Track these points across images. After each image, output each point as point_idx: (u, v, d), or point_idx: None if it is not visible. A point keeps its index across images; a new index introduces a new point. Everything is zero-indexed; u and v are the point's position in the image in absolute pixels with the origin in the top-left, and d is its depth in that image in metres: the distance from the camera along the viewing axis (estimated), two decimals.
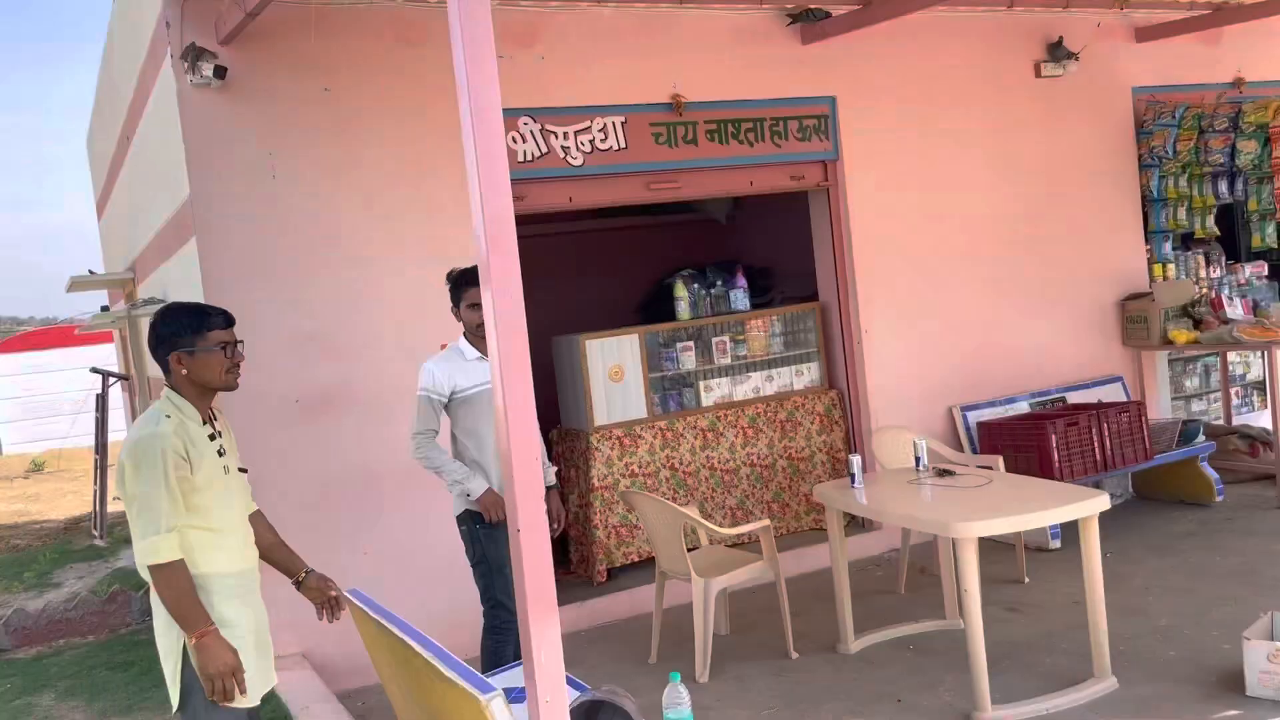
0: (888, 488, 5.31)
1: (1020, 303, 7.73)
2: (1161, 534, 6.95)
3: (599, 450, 6.57)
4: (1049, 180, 7.84)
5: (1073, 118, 7.93)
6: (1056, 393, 7.74)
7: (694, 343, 7.03)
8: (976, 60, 7.52)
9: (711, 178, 6.85)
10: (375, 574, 5.42)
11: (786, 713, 4.72)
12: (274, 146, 5.52)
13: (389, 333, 5.54)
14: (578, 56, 6.24)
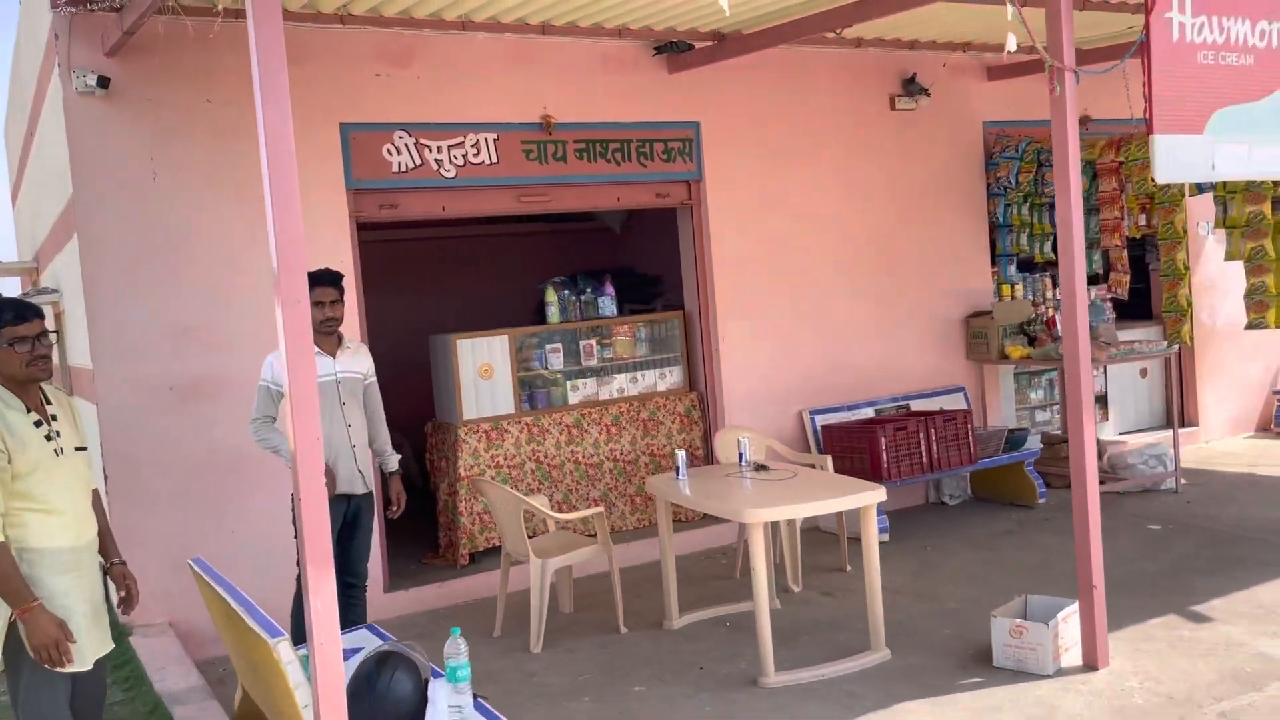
0: (708, 481, 5.68)
1: (871, 317, 8.16)
2: (983, 531, 7.46)
3: (466, 442, 6.95)
4: (902, 205, 8.27)
5: (925, 148, 8.37)
6: (902, 400, 8.20)
7: (562, 345, 7.42)
8: (834, 92, 7.94)
9: (580, 193, 7.24)
10: (240, 547, 5.71)
11: (601, 679, 5.12)
12: (156, 152, 5.78)
13: (256, 327, 5.64)
14: (452, 77, 6.57)
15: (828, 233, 8.00)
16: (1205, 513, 7.50)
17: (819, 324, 7.96)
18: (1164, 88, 4.71)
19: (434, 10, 5.89)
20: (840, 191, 8.05)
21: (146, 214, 5.81)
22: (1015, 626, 4.79)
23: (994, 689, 4.62)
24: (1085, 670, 4.75)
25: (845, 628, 5.52)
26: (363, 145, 6.38)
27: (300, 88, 6.03)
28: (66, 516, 3.38)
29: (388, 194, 6.53)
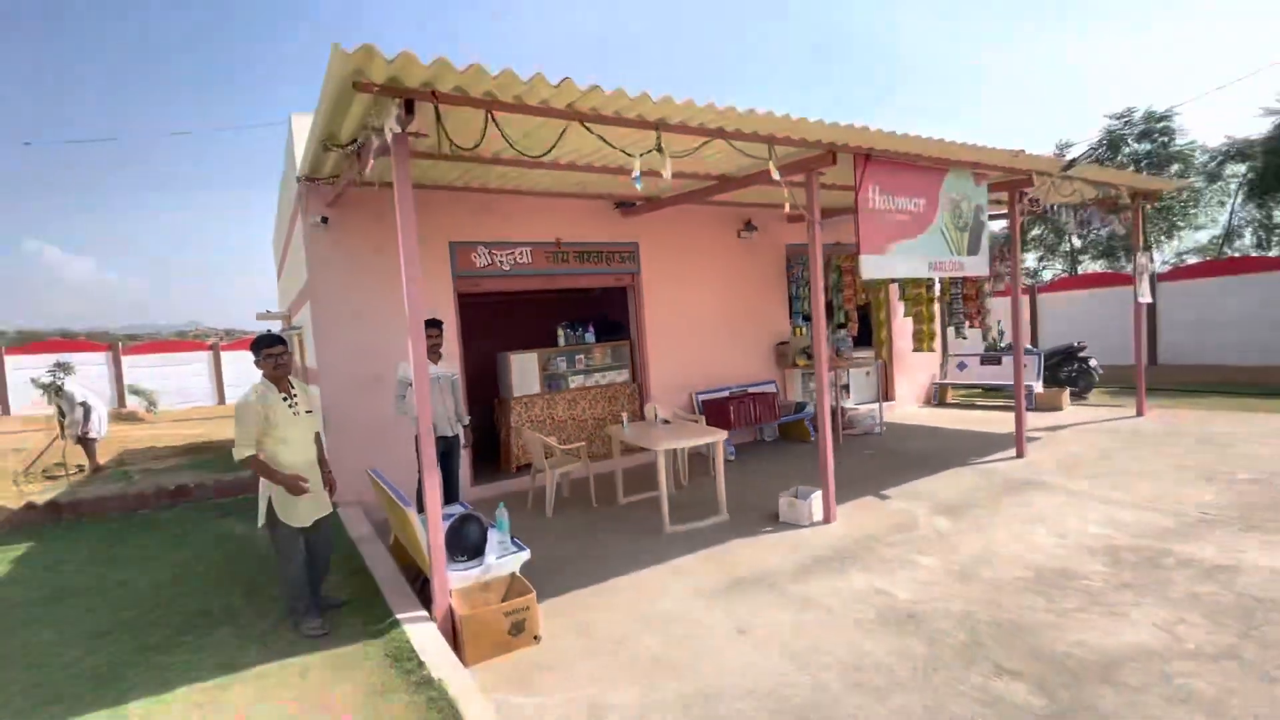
0: (639, 429, 5.84)
1: (729, 344, 8.40)
2: (783, 455, 7.69)
3: (514, 409, 7.10)
4: (745, 287, 8.52)
5: (756, 257, 8.64)
6: (744, 387, 8.43)
7: (566, 358, 7.62)
8: (710, 229, 8.20)
9: (575, 278, 7.38)
10: (395, 462, 5.70)
11: (582, 529, 5.28)
12: (351, 256, 5.88)
13: (400, 350, 5.67)
14: (510, 217, 6.73)
15: (708, 300, 8.22)
16: (894, 445, 7.77)
17: (703, 348, 8.17)
18: (866, 231, 5.07)
19: (500, 184, 6.08)
20: (712, 278, 8.27)
21: (345, 289, 5.90)
22: (789, 501, 5.05)
23: (778, 533, 4.87)
24: (824, 523, 5.00)
25: (708, 503, 5.70)
26: (461, 253, 6.51)
27: (428, 222, 6.33)
28: (297, 445, 3.46)
29: (473, 279, 6.66)
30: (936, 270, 5.67)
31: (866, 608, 3.57)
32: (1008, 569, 3.91)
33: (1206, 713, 2.48)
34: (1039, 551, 4.14)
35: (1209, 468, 5.79)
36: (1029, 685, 2.76)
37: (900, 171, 5.36)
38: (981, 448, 7.25)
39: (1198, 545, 4.05)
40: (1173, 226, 17.41)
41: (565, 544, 4.98)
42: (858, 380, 10.12)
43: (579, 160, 5.17)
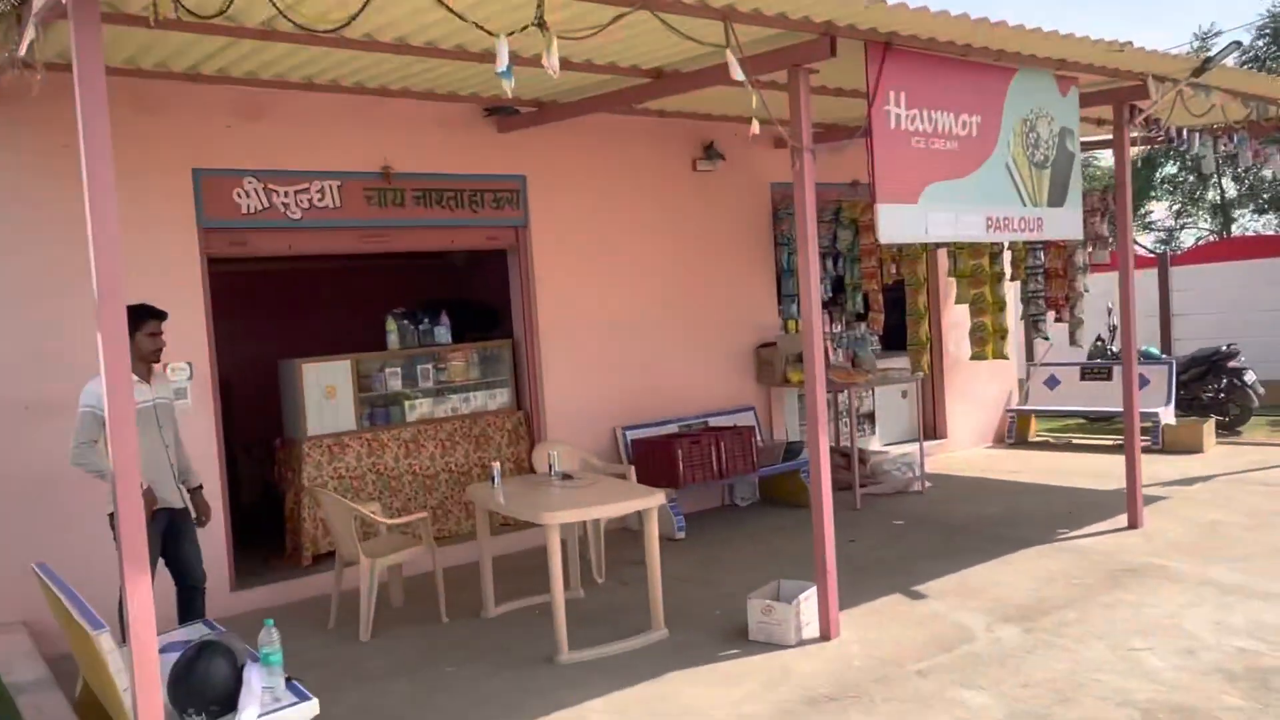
0: (521, 488, 5.81)
1: (678, 346, 8.49)
2: (763, 528, 7.83)
3: (310, 456, 6.92)
4: (704, 251, 8.65)
5: (723, 204, 8.79)
6: (702, 417, 8.50)
7: (401, 369, 7.47)
8: (644, 154, 8.27)
9: (418, 235, 7.32)
10: (84, 551, 5.44)
11: (418, 662, 5.19)
12: (17, 189, 5.65)
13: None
14: (298, 130, 6.57)
15: (641, 274, 8.29)
16: (941, 510, 8.02)
17: (634, 352, 8.22)
18: (884, 166, 5.21)
19: (278, 72, 5.86)
20: (651, 239, 8.36)
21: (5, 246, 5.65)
22: (765, 606, 5.12)
23: (747, 658, 4.92)
24: (820, 640, 5.10)
25: (634, 611, 5.66)
26: (214, 189, 6.31)
27: (152, 136, 6.09)
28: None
29: (237, 233, 6.46)
30: (998, 230, 5.91)
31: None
32: (1101, 709, 4.09)
33: None
34: (1149, 678, 4.35)
35: None
36: None
37: (941, 71, 5.55)
38: (1080, 514, 7.58)
39: None
40: None
41: (388, 687, 4.87)
42: (890, 406, 10.37)
43: (411, 38, 5.07)
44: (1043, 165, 6.21)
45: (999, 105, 5.92)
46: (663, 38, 5.00)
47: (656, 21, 4.55)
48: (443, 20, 4.58)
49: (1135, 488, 7.10)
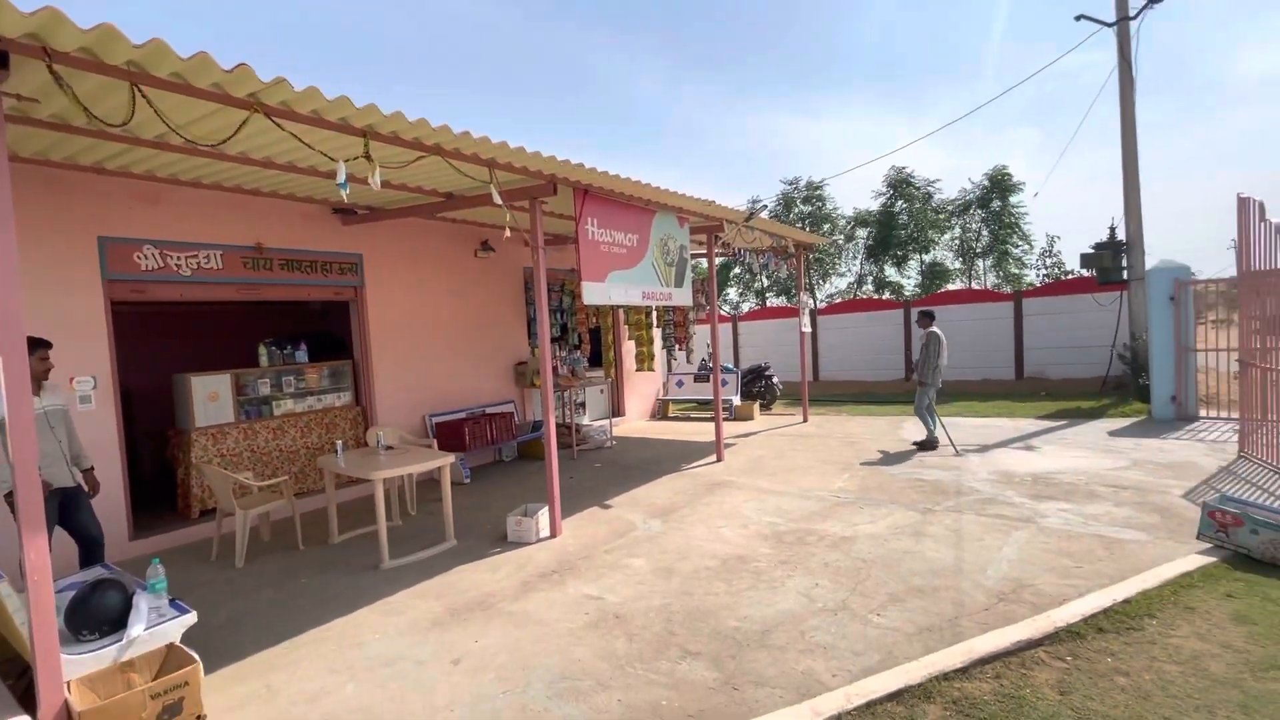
0: (357, 457, 5.35)
1: (467, 364, 8.19)
2: (520, 474, 7.66)
3: (198, 441, 5.89)
4: (485, 306, 8.40)
5: (495, 279, 8.61)
6: (482, 407, 8.29)
7: (270, 379, 6.59)
8: (444, 245, 7.91)
9: (283, 289, 6.44)
10: None
11: (280, 577, 4.62)
12: None
13: None
14: (190, 213, 5.61)
15: (444, 320, 7.89)
16: (622, 456, 8.27)
17: (437, 368, 7.80)
18: (585, 260, 5.40)
19: (172, 172, 5.00)
20: (450, 298, 7.98)
21: None
22: (517, 520, 5.05)
23: (505, 553, 4.82)
24: (550, 538, 5.10)
25: (435, 531, 5.44)
26: (117, 251, 5.22)
27: (63, 210, 4.99)
28: None
29: (137, 284, 5.38)
30: (649, 299, 6.28)
31: (580, 615, 3.72)
32: (701, 561, 4.43)
33: (825, 656, 3.12)
34: (725, 543, 4.78)
35: (845, 460, 7.38)
36: (706, 662, 3.15)
37: (616, 208, 5.83)
38: (692, 455, 8.15)
39: (832, 523, 5.11)
40: (826, 272, 22.17)
41: (257, 597, 4.29)
42: (593, 398, 10.66)
43: (276, 157, 4.56)
44: (671, 264, 6.72)
45: (649, 229, 6.33)
46: (451, 173, 4.86)
47: (446, 164, 4.42)
48: (299, 148, 4.16)
49: (720, 439, 7.82)
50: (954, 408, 10.81)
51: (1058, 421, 8.93)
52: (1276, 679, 2.62)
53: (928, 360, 7.54)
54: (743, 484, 6.48)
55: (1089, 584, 3.63)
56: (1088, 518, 4.78)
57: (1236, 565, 3.69)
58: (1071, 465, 6.42)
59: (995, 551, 4.24)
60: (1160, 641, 2.96)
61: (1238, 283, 6.53)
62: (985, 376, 13.04)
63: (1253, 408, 6.25)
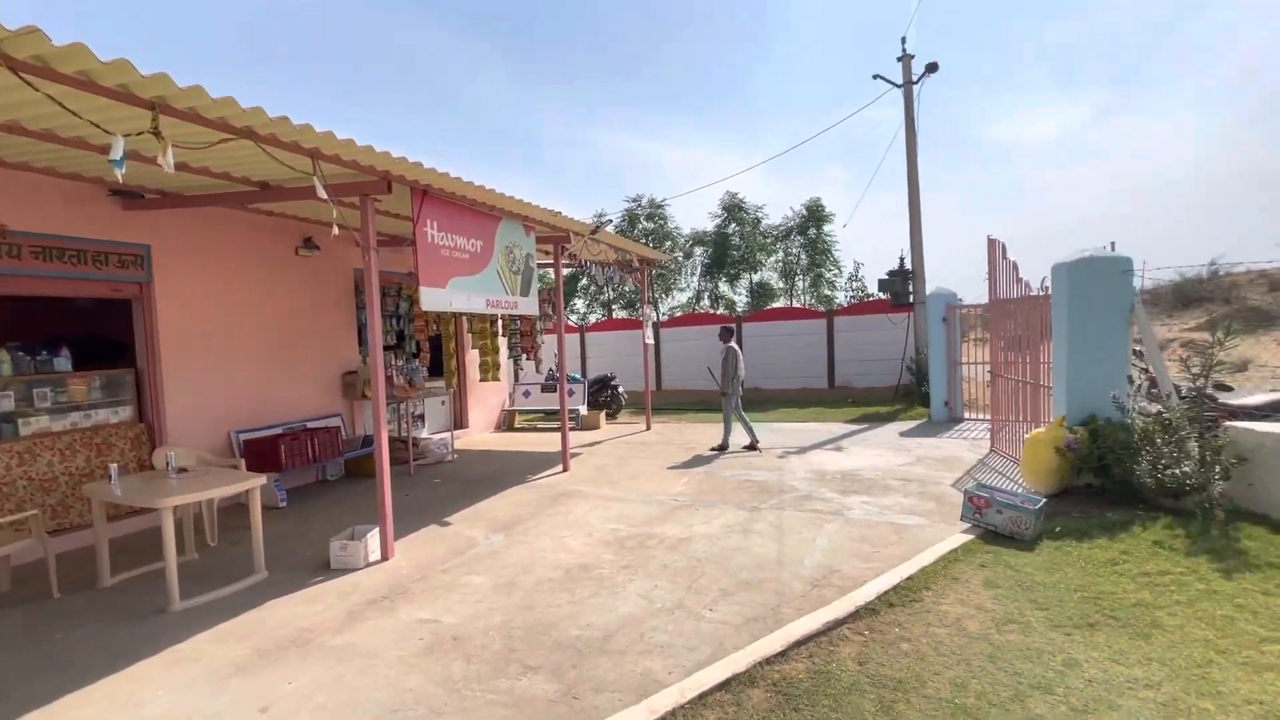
0: (140, 482, 4.53)
1: (284, 374, 7.35)
2: (348, 494, 7.02)
3: None
4: (307, 308, 7.64)
5: (321, 279, 7.86)
6: (303, 421, 7.50)
7: (15, 392, 5.34)
8: (258, 240, 7.06)
9: (37, 283, 5.36)
10: None
11: (32, 629, 3.78)
12: None
13: None
14: None
15: (257, 324, 7.01)
16: (464, 470, 7.91)
17: (248, 378, 6.90)
18: (424, 264, 5.14)
19: None
20: (266, 299, 7.13)
21: None
22: (342, 544, 4.63)
23: (328, 581, 4.40)
24: (381, 561, 4.74)
25: (242, 562, 4.81)
26: None
27: None
28: None
29: None
30: (494, 307, 6.13)
31: (413, 641, 3.50)
32: (545, 573, 4.39)
33: (662, 655, 3.25)
34: (569, 552, 4.78)
35: (684, 465, 7.77)
36: (546, 674, 3.12)
37: (458, 212, 5.63)
38: (538, 466, 8.05)
39: (671, 526, 5.34)
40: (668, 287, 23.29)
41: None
42: (433, 409, 10.11)
43: (27, 122, 3.77)
44: (518, 273, 6.63)
45: (493, 236, 6.19)
46: (267, 161, 4.36)
47: (261, 150, 3.96)
48: (60, 114, 3.47)
49: (566, 449, 7.83)
50: (778, 414, 11.88)
51: (861, 425, 10.20)
52: (1012, 631, 3.23)
53: (727, 372, 8.39)
54: (588, 492, 6.53)
55: (884, 566, 4.19)
56: (883, 508, 5.52)
57: (988, 540, 4.49)
58: (871, 463, 7.37)
59: (811, 543, 4.73)
60: (934, 609, 3.51)
61: (989, 308, 7.98)
62: (804, 385, 14.52)
63: (999, 410, 7.66)
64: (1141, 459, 4.78)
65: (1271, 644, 2.90)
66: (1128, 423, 5.07)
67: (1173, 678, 2.72)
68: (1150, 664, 2.83)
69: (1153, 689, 2.66)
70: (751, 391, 14.76)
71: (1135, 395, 5.58)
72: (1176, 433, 4.67)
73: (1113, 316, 5.52)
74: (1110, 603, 3.40)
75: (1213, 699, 2.57)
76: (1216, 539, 4.01)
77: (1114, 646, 2.99)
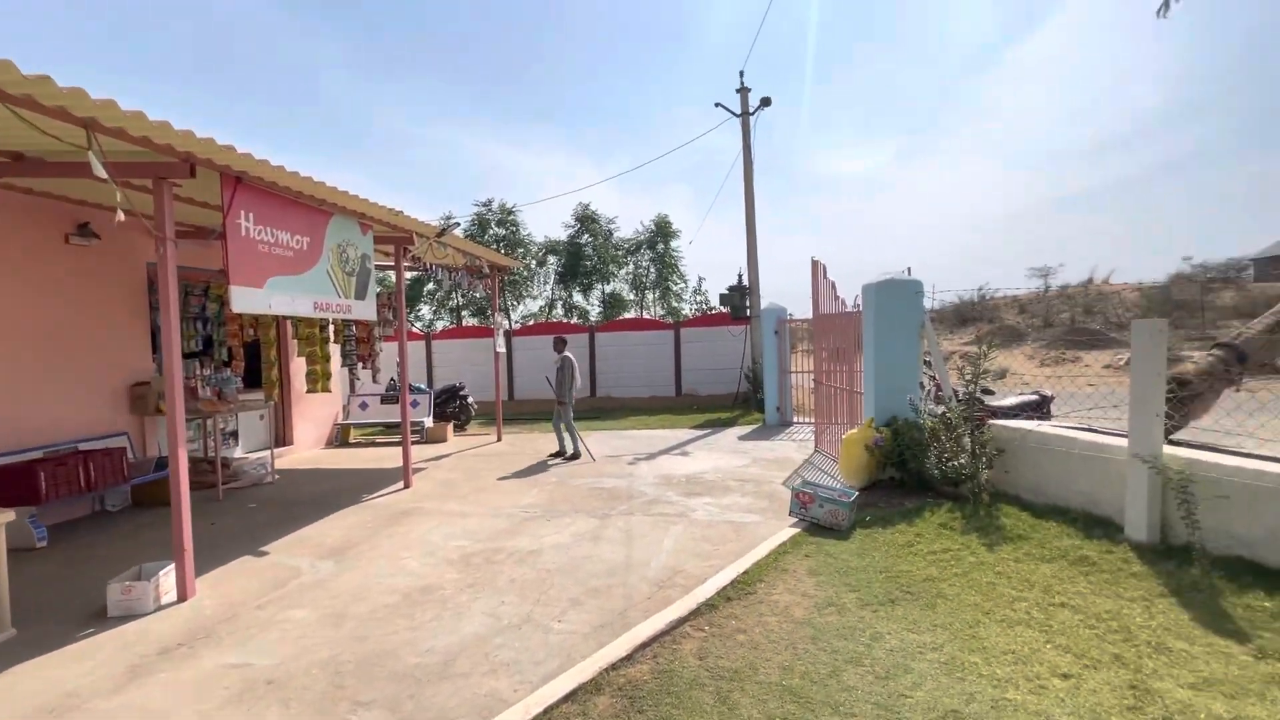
0: None
1: (48, 386, 6.09)
2: (135, 526, 5.97)
3: None
4: (81, 310, 6.39)
5: (102, 275, 6.65)
6: (73, 443, 6.23)
7: None
8: (11, 224, 5.82)
9: None
10: None
11: None
12: None
13: None
14: None
15: (9, 324, 5.74)
16: (286, 493, 7.15)
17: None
18: (237, 261, 4.56)
19: None
20: (26, 298, 5.88)
21: None
22: (125, 587, 3.93)
23: (104, 633, 3.70)
24: (179, 603, 4.11)
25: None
26: None
27: None
28: None
29: None
30: (322, 310, 5.60)
31: (218, 691, 3.06)
32: (380, 599, 4.07)
33: (508, 673, 3.16)
34: (409, 575, 4.48)
35: (535, 476, 7.65)
36: (380, 710, 2.89)
37: (281, 205, 5.08)
38: (376, 483, 7.48)
39: (521, 538, 5.22)
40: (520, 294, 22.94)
41: None
42: (251, 425, 8.97)
43: None
44: (351, 274, 6.12)
45: (322, 233, 5.67)
46: (21, 127, 3.59)
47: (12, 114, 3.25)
48: None
49: (408, 464, 7.35)
50: (629, 421, 12.18)
51: (705, 430, 10.80)
52: (831, 612, 3.60)
53: (564, 381, 8.50)
54: (432, 509, 6.21)
55: (723, 562, 4.46)
56: (724, 508, 5.87)
57: (812, 532, 4.97)
58: (714, 466, 7.82)
59: (658, 545, 4.89)
60: (766, 600, 3.80)
61: (813, 322, 8.88)
62: (654, 394, 15.05)
63: (822, 414, 8.53)
64: (931, 454, 5.59)
65: (1020, 601, 3.54)
66: (921, 423, 5.91)
67: (952, 639, 3.21)
68: (936, 629, 3.31)
69: (937, 650, 3.12)
70: (604, 400, 14.98)
71: (926, 399, 6.53)
72: (955, 431, 5.53)
73: (909, 331, 6.41)
74: (907, 580, 3.93)
75: (980, 653, 3.07)
76: (983, 518, 4.82)
77: (909, 618, 3.45)
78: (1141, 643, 3.00)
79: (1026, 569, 3.92)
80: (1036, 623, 3.27)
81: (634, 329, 15.34)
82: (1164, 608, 3.31)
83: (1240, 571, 3.53)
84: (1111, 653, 2.94)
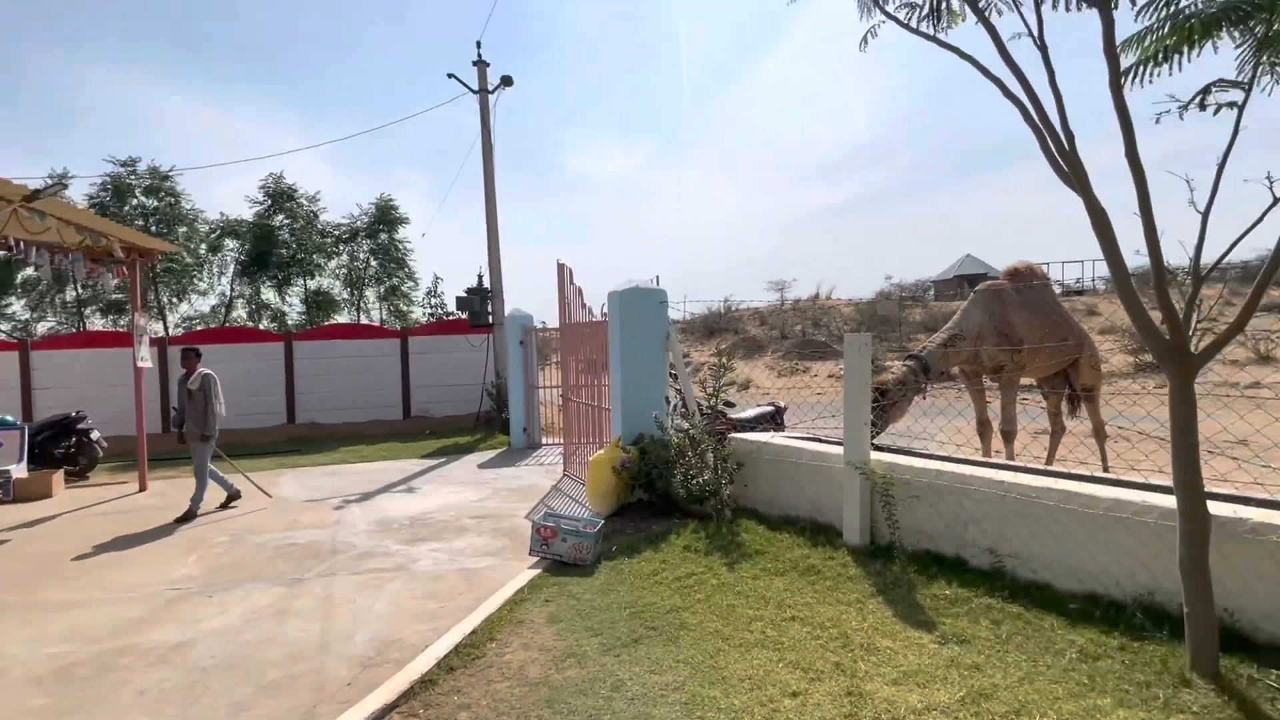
0: None
1: None
2: None
3: None
4: None
5: None
6: None
7: None
8: None
9: None
10: None
11: None
12: None
13: None
14: None
15: None
16: None
17: None
18: None
19: None
20: None
21: None
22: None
23: None
24: None
25: None
26: None
27: None
28: None
29: None
30: None
31: None
32: None
33: None
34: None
35: (194, 535, 6.36)
36: None
37: None
38: None
39: (164, 628, 4.12)
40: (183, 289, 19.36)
41: None
42: None
43: None
44: None
45: None
46: None
47: None
48: None
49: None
50: (340, 454, 11.01)
51: (439, 459, 10.25)
52: (570, 666, 3.55)
53: (208, 407, 7.05)
54: (12, 603, 4.71)
55: (449, 622, 4.13)
56: (454, 553, 5.55)
57: (555, 571, 4.94)
58: (446, 502, 7.40)
59: (366, 611, 4.37)
60: (496, 663, 3.61)
61: (561, 331, 9.06)
62: (374, 418, 13.88)
63: (571, 434, 8.73)
64: (677, 472, 6.03)
65: (756, 621, 3.94)
66: (667, 439, 6.37)
67: (693, 675, 3.39)
68: (678, 666, 3.48)
69: (679, 689, 3.27)
70: (306, 428, 13.37)
71: (672, 414, 7.09)
72: (699, 446, 6.08)
73: (655, 343, 6.90)
74: (652, 614, 4.10)
75: (720, 685, 3.30)
76: (726, 536, 5.32)
77: (652, 658, 3.58)
78: (856, 646, 3.55)
79: (763, 585, 4.41)
80: (771, 642, 3.66)
81: (348, 336, 13.99)
82: (874, 608, 3.98)
83: (928, 564, 4.43)
84: (833, 661, 3.42)
